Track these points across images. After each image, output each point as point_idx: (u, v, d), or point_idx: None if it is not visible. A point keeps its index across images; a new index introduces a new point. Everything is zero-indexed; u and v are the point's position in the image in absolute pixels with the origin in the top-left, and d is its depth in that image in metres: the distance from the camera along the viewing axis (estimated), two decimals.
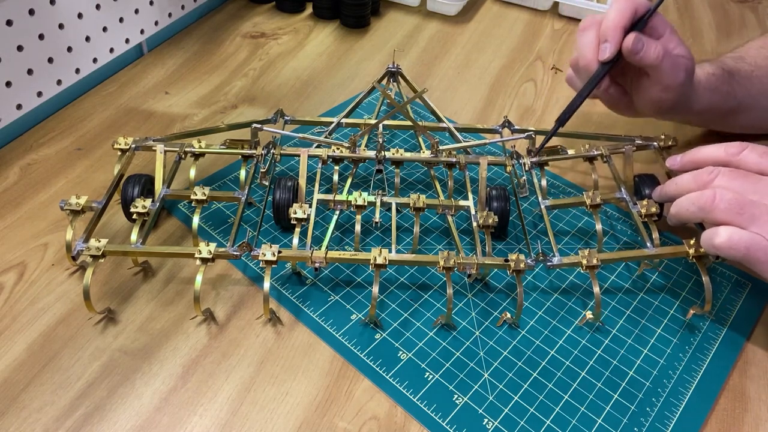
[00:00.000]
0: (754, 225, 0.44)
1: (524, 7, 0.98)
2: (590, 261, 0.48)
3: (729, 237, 0.44)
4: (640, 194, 0.57)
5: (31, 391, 0.44)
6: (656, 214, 0.52)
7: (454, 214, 0.56)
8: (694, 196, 0.47)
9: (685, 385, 0.47)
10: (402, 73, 0.69)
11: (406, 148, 0.66)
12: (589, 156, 0.60)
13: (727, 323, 0.52)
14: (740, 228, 0.44)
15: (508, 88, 0.80)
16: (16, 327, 0.47)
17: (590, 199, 0.54)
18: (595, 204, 0.54)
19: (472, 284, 0.53)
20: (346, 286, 0.52)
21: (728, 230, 0.45)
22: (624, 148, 0.58)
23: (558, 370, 0.47)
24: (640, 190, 0.57)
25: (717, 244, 0.45)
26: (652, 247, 0.50)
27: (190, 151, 0.58)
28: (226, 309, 0.50)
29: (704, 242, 0.47)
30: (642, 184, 0.57)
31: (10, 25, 0.60)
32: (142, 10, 0.76)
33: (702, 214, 0.47)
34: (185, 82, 0.76)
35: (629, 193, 0.56)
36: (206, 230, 0.56)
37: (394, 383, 0.46)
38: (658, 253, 0.50)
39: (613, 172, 0.58)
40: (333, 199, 0.54)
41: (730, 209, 0.45)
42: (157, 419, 0.43)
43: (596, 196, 0.54)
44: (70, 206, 0.50)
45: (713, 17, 1.00)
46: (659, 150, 0.60)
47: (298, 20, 0.90)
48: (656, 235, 0.51)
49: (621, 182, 0.57)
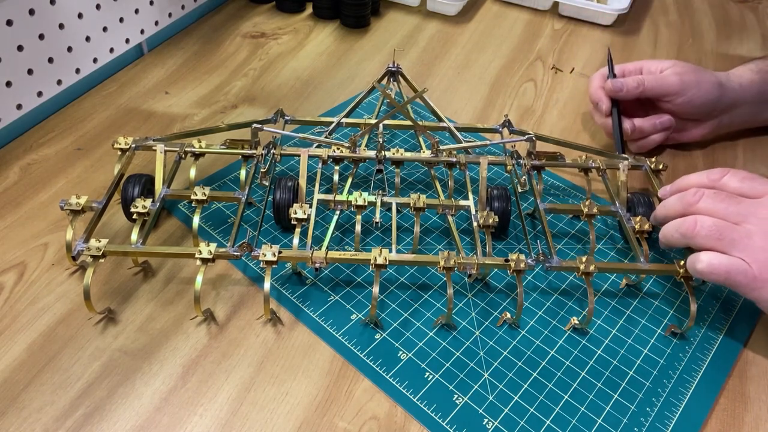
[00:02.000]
0: (735, 249, 0.46)
1: (524, 7, 0.98)
2: (587, 268, 0.49)
3: (709, 262, 0.46)
4: (634, 211, 0.57)
5: (31, 391, 0.44)
6: (648, 231, 0.53)
7: (454, 214, 0.56)
8: (677, 223, 0.49)
9: (685, 385, 0.47)
10: (402, 72, 0.69)
11: (407, 148, 0.66)
12: (585, 167, 0.61)
13: (727, 323, 0.52)
14: (722, 252, 0.46)
15: (508, 88, 0.80)
16: (16, 327, 0.47)
17: (587, 209, 0.54)
18: (591, 214, 0.54)
19: (472, 284, 0.53)
20: (346, 286, 0.52)
21: (708, 255, 0.46)
22: (620, 164, 0.59)
23: (558, 370, 0.47)
24: (633, 207, 0.57)
25: (699, 270, 0.47)
26: (645, 262, 0.51)
27: (190, 151, 0.58)
28: (226, 309, 0.50)
29: (689, 267, 0.48)
30: (636, 201, 0.58)
31: (10, 25, 0.60)
32: (142, 10, 0.76)
33: (685, 240, 0.49)
34: (185, 82, 0.76)
35: (623, 207, 0.56)
36: (206, 230, 0.56)
37: (394, 383, 0.46)
38: (650, 269, 0.51)
39: (608, 185, 0.59)
40: (333, 199, 0.54)
41: (710, 235, 0.47)
42: (157, 419, 0.43)
43: (593, 207, 0.55)
44: (70, 206, 0.50)
45: (713, 17, 1.00)
46: (650, 172, 0.60)
47: (298, 20, 0.90)
48: (646, 251, 0.52)
49: (615, 196, 0.57)
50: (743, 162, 0.70)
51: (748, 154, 0.72)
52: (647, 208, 0.57)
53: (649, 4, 1.03)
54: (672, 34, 0.95)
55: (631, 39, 0.93)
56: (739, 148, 0.72)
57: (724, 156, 0.71)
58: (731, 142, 0.72)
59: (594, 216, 0.55)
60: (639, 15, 0.99)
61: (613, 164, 0.60)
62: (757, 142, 0.73)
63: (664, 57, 0.89)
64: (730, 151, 0.72)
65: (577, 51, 0.88)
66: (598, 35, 0.93)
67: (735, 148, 0.72)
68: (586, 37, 0.92)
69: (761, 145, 0.73)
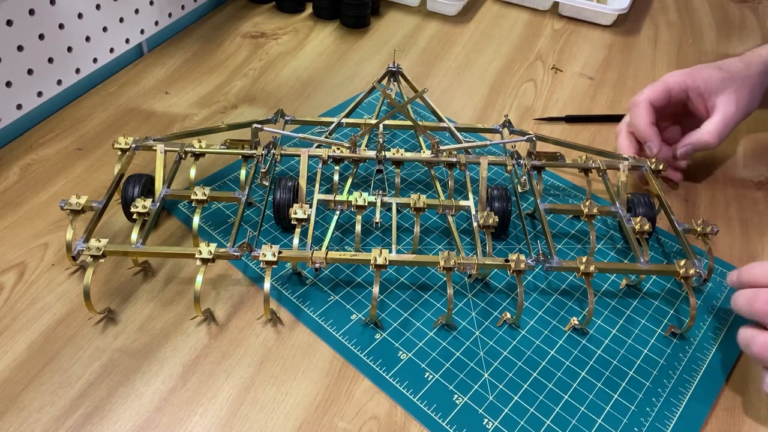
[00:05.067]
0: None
1: (524, 7, 0.98)
2: (587, 268, 0.49)
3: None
4: (634, 211, 0.57)
5: (31, 391, 0.44)
6: (648, 232, 0.53)
7: (454, 214, 0.56)
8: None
9: (685, 385, 0.47)
10: (402, 72, 0.69)
11: (407, 148, 0.66)
12: (585, 167, 0.61)
13: (727, 323, 0.52)
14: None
15: (508, 88, 0.80)
16: (16, 327, 0.47)
17: (587, 209, 0.54)
18: (591, 215, 0.54)
19: (472, 284, 0.53)
20: (346, 286, 0.52)
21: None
22: (620, 165, 0.59)
23: (558, 370, 0.47)
24: (634, 207, 0.57)
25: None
26: (645, 263, 0.51)
27: (190, 151, 0.58)
28: (226, 309, 0.50)
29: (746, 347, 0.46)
30: (636, 202, 0.58)
31: (10, 25, 0.60)
32: (142, 10, 0.76)
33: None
34: (185, 82, 0.76)
35: (623, 208, 0.56)
36: (206, 230, 0.56)
37: (394, 383, 0.46)
38: (650, 269, 0.51)
39: (608, 186, 0.59)
40: (333, 200, 0.54)
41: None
42: (157, 419, 0.43)
43: (593, 207, 0.55)
44: (70, 206, 0.50)
45: (713, 17, 1.00)
46: (650, 173, 0.60)
47: (298, 20, 0.90)
48: (646, 251, 0.52)
49: (616, 197, 0.57)
50: (743, 162, 0.70)
51: (749, 154, 0.72)
52: (647, 209, 0.57)
53: (649, 4, 1.03)
54: (672, 34, 0.95)
55: (631, 39, 0.93)
56: (739, 148, 0.72)
57: (724, 156, 0.71)
58: (732, 142, 0.72)
59: (594, 216, 0.55)
60: (639, 15, 0.99)
61: (613, 164, 0.60)
62: (757, 142, 0.74)
63: (664, 57, 0.89)
64: (730, 152, 0.72)
65: (577, 51, 0.88)
66: (598, 35, 0.93)
67: (735, 148, 0.72)
68: (586, 37, 0.92)
69: (761, 145, 0.73)
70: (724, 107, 0.61)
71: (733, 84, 0.62)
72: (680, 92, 0.63)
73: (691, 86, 0.63)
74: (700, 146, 0.62)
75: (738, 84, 0.62)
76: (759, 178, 0.68)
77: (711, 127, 0.61)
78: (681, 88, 0.63)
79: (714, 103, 0.62)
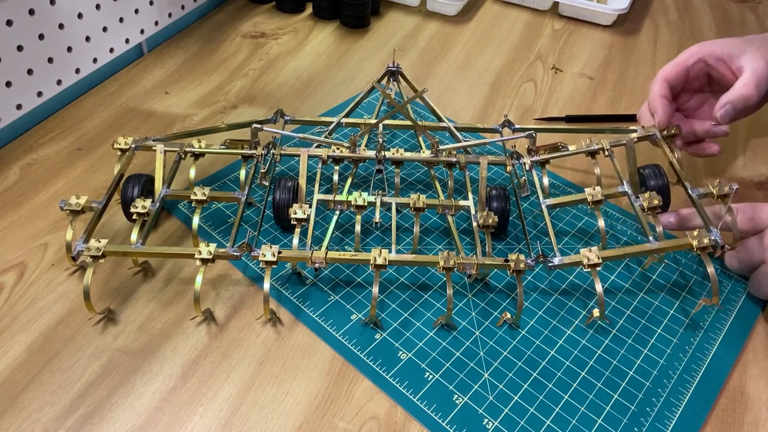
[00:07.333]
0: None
1: (524, 7, 0.98)
2: (591, 259, 0.48)
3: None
4: (646, 186, 0.56)
5: (31, 391, 0.44)
6: (659, 206, 0.51)
7: (454, 214, 0.56)
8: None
9: (685, 385, 0.47)
10: (402, 72, 0.69)
11: (406, 148, 0.66)
12: (590, 150, 0.60)
13: (727, 323, 0.52)
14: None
15: (508, 88, 0.80)
16: (16, 327, 0.48)
17: (591, 196, 0.54)
18: (597, 200, 0.54)
19: (472, 284, 0.53)
20: (346, 286, 0.52)
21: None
22: (625, 140, 0.58)
23: (558, 370, 0.47)
24: (645, 181, 0.56)
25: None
26: (655, 241, 0.50)
27: (190, 151, 0.58)
28: (226, 309, 0.50)
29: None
30: (647, 175, 0.56)
31: (10, 25, 0.60)
32: (142, 10, 0.76)
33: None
34: (185, 82, 0.76)
35: (632, 186, 0.55)
36: (206, 230, 0.56)
37: (394, 383, 0.46)
38: (661, 247, 0.49)
39: (615, 165, 0.58)
40: (333, 199, 0.54)
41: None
42: (157, 419, 0.43)
43: (598, 193, 0.54)
44: (70, 206, 0.50)
45: (713, 17, 1.00)
46: (662, 140, 0.59)
47: (298, 20, 0.90)
48: (660, 229, 0.51)
49: (624, 176, 0.56)
50: (743, 162, 0.70)
51: (749, 154, 0.72)
52: (659, 179, 0.55)
53: (649, 4, 1.03)
54: (672, 34, 0.95)
55: (631, 39, 0.93)
56: (739, 148, 0.72)
57: (724, 156, 0.71)
58: (732, 142, 0.72)
59: (601, 202, 0.54)
60: (639, 15, 0.99)
61: (620, 141, 0.59)
62: (757, 142, 0.73)
63: (664, 57, 0.89)
64: (730, 152, 0.72)
65: (577, 51, 0.88)
66: (598, 35, 0.93)
67: (735, 148, 0.72)
68: (586, 37, 0.92)
69: (761, 145, 0.73)
70: (751, 63, 0.59)
71: (752, 44, 0.60)
72: (697, 62, 0.62)
73: (705, 52, 0.61)
74: (739, 101, 0.58)
75: (758, 43, 0.60)
76: (759, 179, 0.68)
77: (745, 80, 0.58)
78: (696, 58, 0.61)
79: (739, 64, 0.59)
